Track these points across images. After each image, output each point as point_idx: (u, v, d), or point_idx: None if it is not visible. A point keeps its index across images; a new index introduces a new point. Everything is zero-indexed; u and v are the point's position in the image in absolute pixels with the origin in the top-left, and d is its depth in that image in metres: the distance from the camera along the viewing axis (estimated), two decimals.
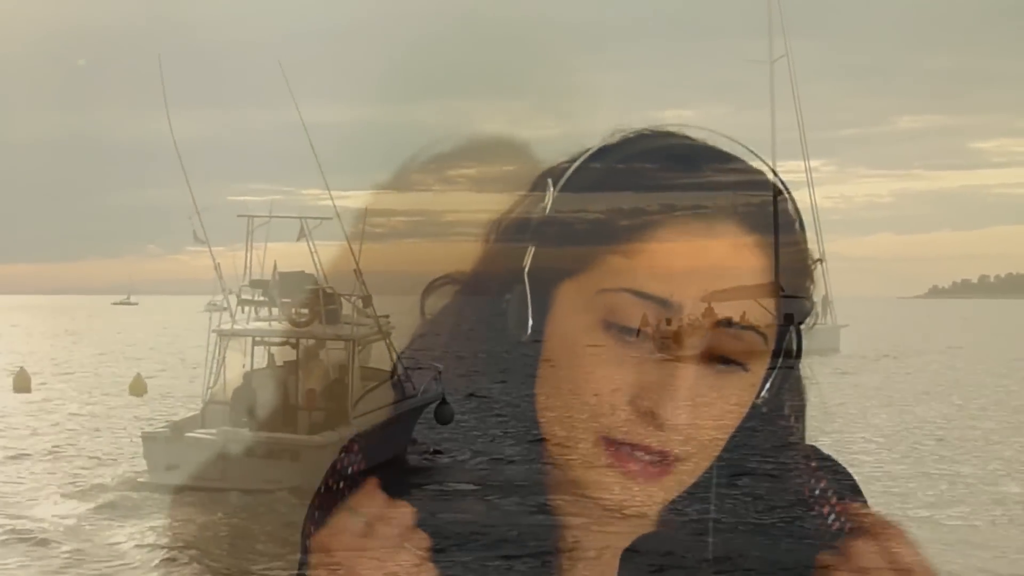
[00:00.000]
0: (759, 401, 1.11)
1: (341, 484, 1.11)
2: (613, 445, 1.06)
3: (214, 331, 17.31)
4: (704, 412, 1.06)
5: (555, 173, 1.13)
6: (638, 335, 1.05)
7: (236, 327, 17.20)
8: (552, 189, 1.10)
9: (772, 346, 1.10)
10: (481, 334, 1.15)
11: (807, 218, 1.15)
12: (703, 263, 1.06)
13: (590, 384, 1.06)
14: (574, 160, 1.13)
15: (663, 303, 1.05)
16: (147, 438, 16.87)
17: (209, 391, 16.69)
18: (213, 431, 15.65)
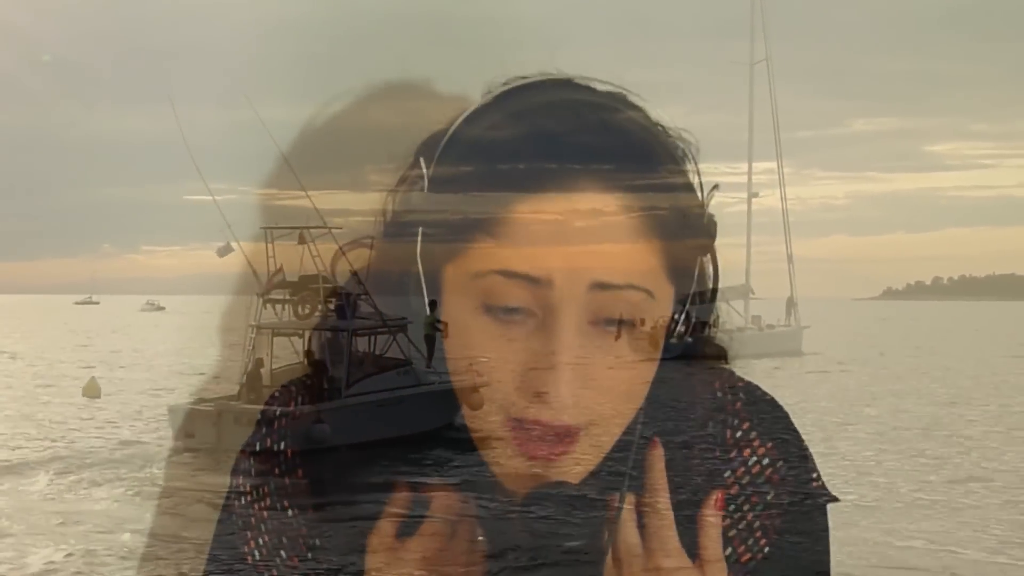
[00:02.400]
0: (674, 341, 1.09)
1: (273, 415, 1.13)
2: (517, 427, 1.05)
3: (250, 324, 19.38)
4: (602, 376, 1.04)
5: (431, 145, 1.11)
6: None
7: (262, 322, 18.91)
8: (426, 168, 1.09)
9: (666, 299, 1.08)
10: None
11: (777, 220, 1.14)
12: (568, 233, 1.03)
13: (483, 369, 1.05)
14: (449, 126, 1.11)
15: (533, 281, 1.03)
16: (172, 410, 20.55)
17: (244, 374, 18.65)
18: (211, 404, 18.13)
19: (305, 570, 1.11)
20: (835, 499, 1.14)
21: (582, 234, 1.03)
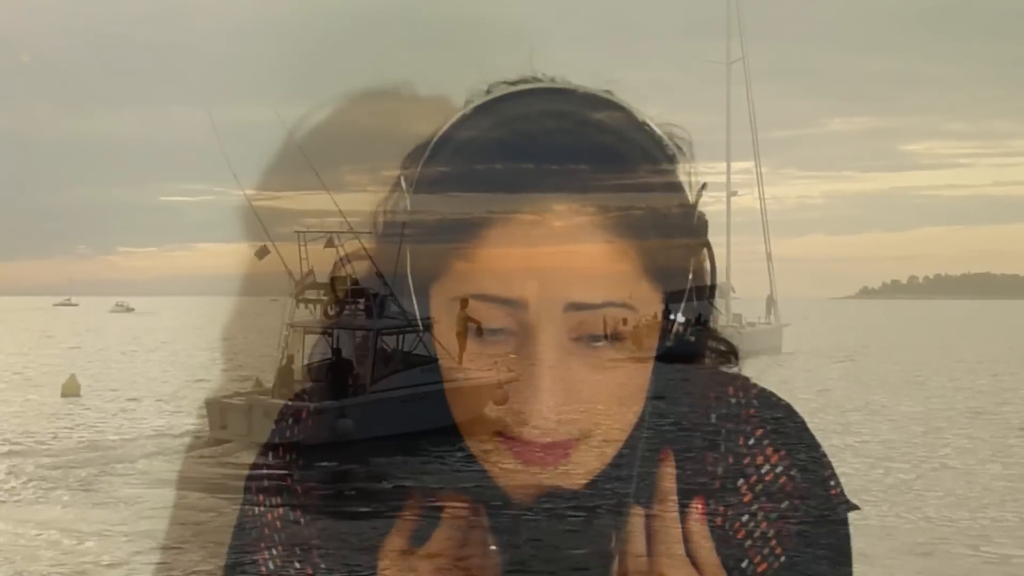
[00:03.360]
0: (670, 344, 1.08)
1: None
2: (508, 442, 1.05)
3: (286, 323, 20.14)
4: (590, 387, 1.04)
5: (414, 157, 1.11)
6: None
7: (295, 320, 19.65)
8: (406, 188, 1.09)
9: (652, 306, 1.07)
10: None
11: (755, 219, 1.13)
12: (543, 253, 1.02)
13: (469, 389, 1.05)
14: (430, 140, 1.10)
15: (508, 303, 1.03)
16: (208, 403, 21.23)
17: (278, 369, 19.34)
18: (243, 399, 19.18)
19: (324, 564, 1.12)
20: (855, 507, 1.12)
21: (557, 254, 1.02)
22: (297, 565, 1.14)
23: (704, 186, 1.11)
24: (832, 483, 1.12)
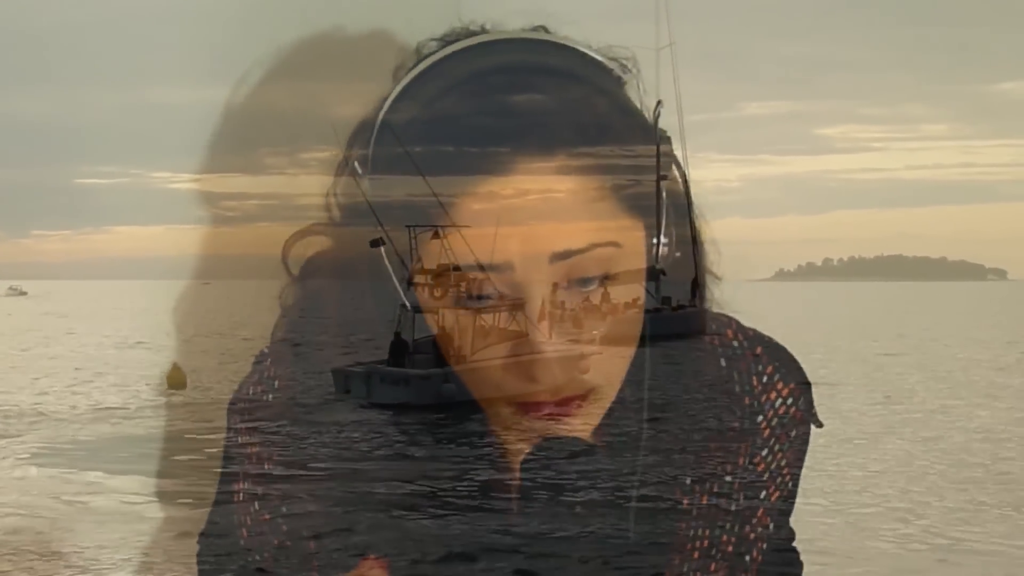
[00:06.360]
0: (659, 267, 1.11)
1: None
2: (523, 407, 1.08)
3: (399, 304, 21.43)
4: (591, 335, 1.07)
5: (366, 128, 1.11)
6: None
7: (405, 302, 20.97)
8: (360, 167, 1.10)
9: (638, 236, 1.09)
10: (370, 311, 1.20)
11: (679, 202, 1.13)
12: (518, 211, 1.04)
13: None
14: (380, 108, 1.11)
15: (493, 268, 1.05)
16: (334, 372, 23.90)
17: (391, 344, 20.70)
18: (363, 367, 20.98)
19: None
20: (821, 424, 1.18)
21: (533, 209, 1.03)
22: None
23: (660, 103, 1.12)
24: (813, 408, 1.18)
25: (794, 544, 1.18)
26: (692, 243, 1.15)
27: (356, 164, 1.10)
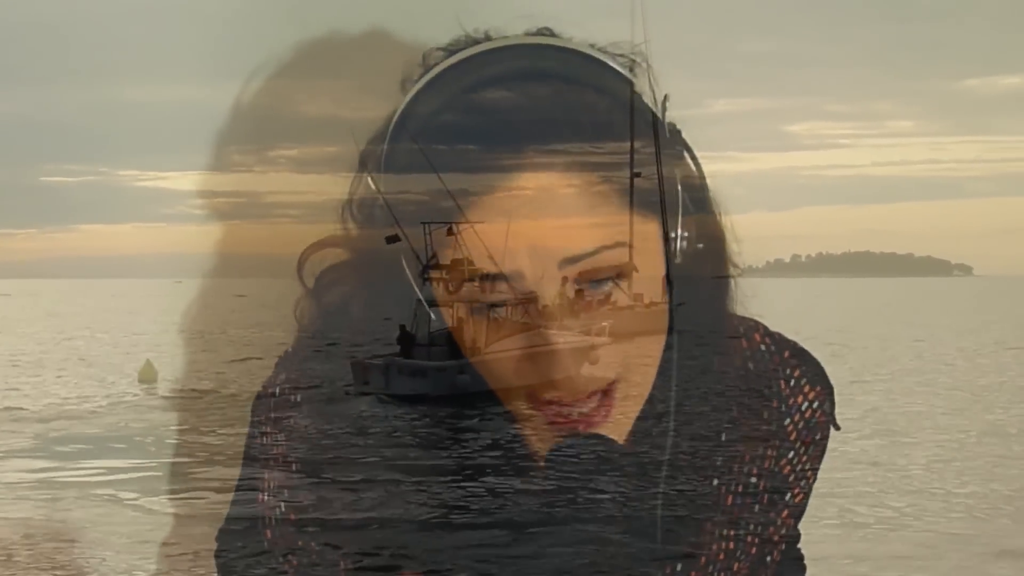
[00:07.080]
0: (678, 261, 1.13)
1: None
2: (543, 406, 1.10)
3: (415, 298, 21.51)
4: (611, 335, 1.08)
5: (379, 135, 1.12)
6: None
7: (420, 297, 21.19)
8: (372, 182, 1.11)
9: (652, 231, 1.10)
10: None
11: (651, 199, 1.14)
12: (527, 218, 1.05)
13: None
14: (393, 114, 1.12)
15: (505, 278, 1.07)
16: (352, 364, 23.94)
17: (398, 336, 20.95)
18: (381, 359, 21.38)
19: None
20: (839, 427, 1.19)
21: (540, 215, 1.05)
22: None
23: (666, 97, 1.14)
24: (833, 412, 1.19)
25: (798, 546, 1.19)
26: (664, 240, 1.15)
27: (370, 169, 1.11)
